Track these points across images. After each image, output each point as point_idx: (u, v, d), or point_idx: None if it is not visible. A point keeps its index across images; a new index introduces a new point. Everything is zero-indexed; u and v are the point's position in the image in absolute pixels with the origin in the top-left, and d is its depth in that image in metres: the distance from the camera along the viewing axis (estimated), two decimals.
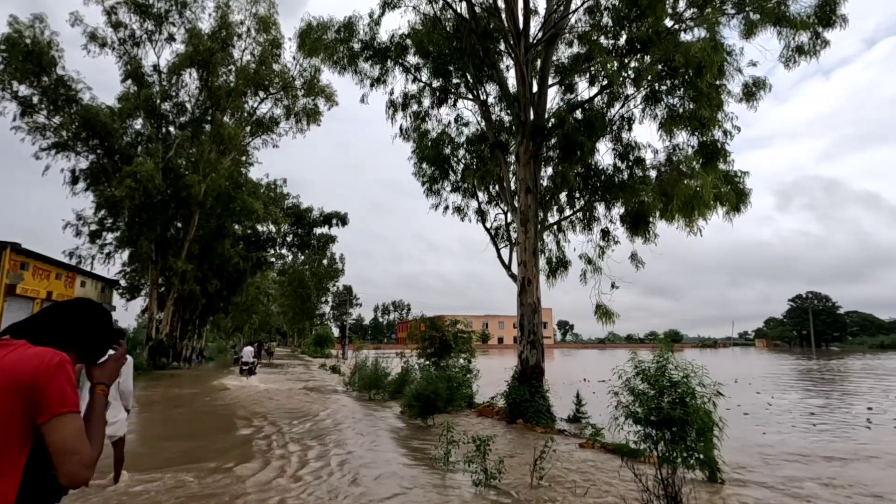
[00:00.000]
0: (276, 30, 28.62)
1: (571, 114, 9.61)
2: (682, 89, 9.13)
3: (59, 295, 20.77)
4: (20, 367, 1.38)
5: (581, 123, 9.75)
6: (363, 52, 12.24)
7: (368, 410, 12.35)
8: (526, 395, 9.96)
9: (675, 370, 4.12)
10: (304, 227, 37.97)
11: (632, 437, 4.38)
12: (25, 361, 1.40)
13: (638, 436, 4.20)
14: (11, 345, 1.48)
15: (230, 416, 11.06)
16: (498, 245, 13.49)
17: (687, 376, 4.06)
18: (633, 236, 10.25)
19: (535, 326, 10.54)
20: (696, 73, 8.01)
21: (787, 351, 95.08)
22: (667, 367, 4.16)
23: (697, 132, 8.68)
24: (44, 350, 1.45)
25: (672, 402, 3.84)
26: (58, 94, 22.31)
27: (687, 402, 3.84)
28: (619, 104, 10.95)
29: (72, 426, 1.38)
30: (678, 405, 3.81)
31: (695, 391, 3.95)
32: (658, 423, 3.83)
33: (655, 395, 3.91)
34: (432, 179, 14.83)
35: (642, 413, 3.87)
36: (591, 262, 11.21)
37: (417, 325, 16.15)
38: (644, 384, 4.15)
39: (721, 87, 9.12)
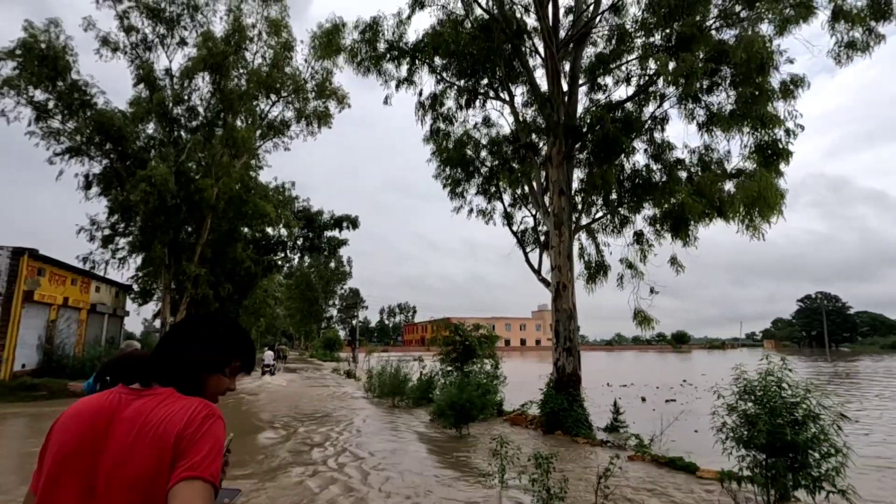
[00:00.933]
0: (287, 32, 28.48)
1: (610, 113, 9.33)
2: (732, 87, 8.83)
3: (75, 300, 20.64)
4: (169, 422, 1.15)
5: (619, 123, 9.48)
6: (389, 53, 12.01)
7: (396, 419, 12.07)
8: (564, 403, 9.66)
9: (789, 388, 3.78)
10: (314, 231, 37.83)
11: (734, 461, 4.02)
12: (175, 415, 1.16)
13: (748, 462, 3.85)
14: (158, 394, 1.23)
15: (262, 424, 10.83)
16: (526, 248, 13.21)
17: (807, 395, 3.71)
18: (674, 239, 9.95)
19: (571, 333, 10.24)
20: (758, 69, 7.72)
21: (798, 352, 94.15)
22: (780, 384, 3.81)
23: (758, 131, 8.37)
24: (191, 401, 1.21)
25: (790, 424, 3.51)
26: (72, 99, 22.20)
27: (808, 425, 3.51)
28: (655, 104, 10.67)
29: (198, 496, 1.06)
30: (799, 428, 3.48)
31: (818, 413, 3.60)
32: (775, 449, 3.50)
33: (768, 416, 3.58)
34: (456, 182, 14.56)
35: (756, 438, 3.52)
36: (632, 267, 10.92)
37: (439, 329, 15.84)
38: (753, 404, 3.81)
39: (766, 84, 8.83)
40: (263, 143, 31.96)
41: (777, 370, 3.97)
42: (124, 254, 27.89)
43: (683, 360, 56.69)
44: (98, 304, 22.99)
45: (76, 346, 20.99)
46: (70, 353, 20.22)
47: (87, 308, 21.94)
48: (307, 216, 36.64)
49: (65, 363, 18.79)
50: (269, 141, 32.12)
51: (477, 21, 11.64)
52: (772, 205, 8.23)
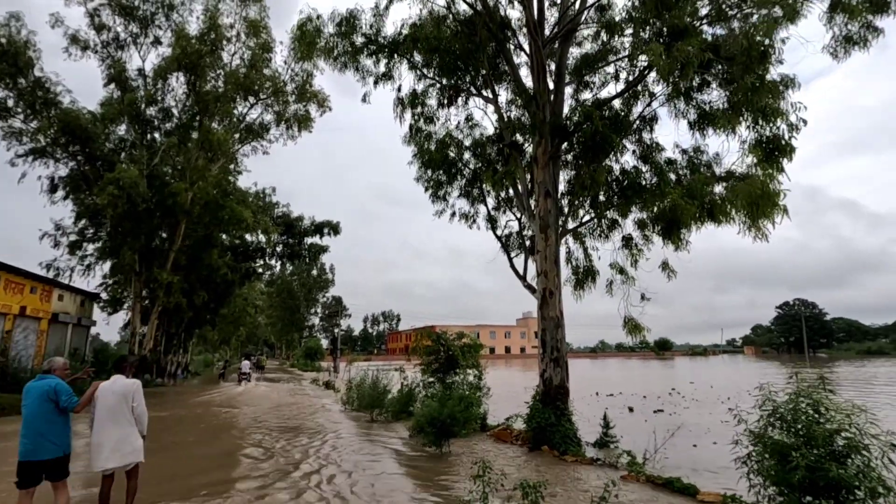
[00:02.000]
0: (266, 34, 27.75)
1: (598, 110, 8.85)
2: (724, 84, 8.41)
3: (34, 310, 19.41)
4: None
5: (608, 121, 9.01)
6: (366, 48, 11.41)
7: (372, 435, 11.31)
8: (551, 418, 9.06)
9: (827, 411, 3.18)
10: (294, 237, 36.88)
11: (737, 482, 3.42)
12: None
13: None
14: None
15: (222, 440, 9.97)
16: (510, 253, 12.64)
17: (848, 419, 3.10)
18: (666, 243, 9.49)
19: (558, 342, 9.67)
20: (760, 57, 7.30)
21: (777, 358, 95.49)
22: (817, 408, 3.22)
23: (758, 124, 7.94)
24: None
25: (831, 456, 2.92)
26: (35, 97, 21.11)
27: (851, 457, 2.92)
28: (643, 103, 10.23)
29: None
30: (842, 461, 2.89)
31: (866, 444, 3.00)
32: (818, 489, 2.90)
33: (804, 447, 2.99)
34: (438, 184, 13.98)
35: (791, 475, 2.90)
36: (622, 272, 10.41)
37: (420, 338, 15.15)
38: (785, 432, 3.22)
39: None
40: (241, 146, 31.06)
41: (812, 390, 3.38)
42: (91, 260, 26.68)
43: (667, 368, 56.72)
44: (61, 314, 21.73)
45: (35, 359, 19.72)
46: (28, 365, 18.97)
47: (47, 318, 20.69)
48: (286, 222, 35.70)
49: (21, 377, 17.55)
50: (247, 144, 31.24)
51: (460, 16, 11.13)
52: (774, 203, 7.80)
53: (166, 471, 7.60)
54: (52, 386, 4.53)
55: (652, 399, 19.48)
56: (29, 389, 4.58)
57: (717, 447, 9.32)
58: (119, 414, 4.82)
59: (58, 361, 4.92)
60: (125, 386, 4.95)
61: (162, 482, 6.85)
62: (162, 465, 7.85)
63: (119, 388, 4.91)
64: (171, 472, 7.55)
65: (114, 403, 4.82)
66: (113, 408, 4.80)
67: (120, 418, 4.82)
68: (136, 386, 5.03)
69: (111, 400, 4.83)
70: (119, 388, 4.91)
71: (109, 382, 4.95)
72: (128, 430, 4.84)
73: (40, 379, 4.66)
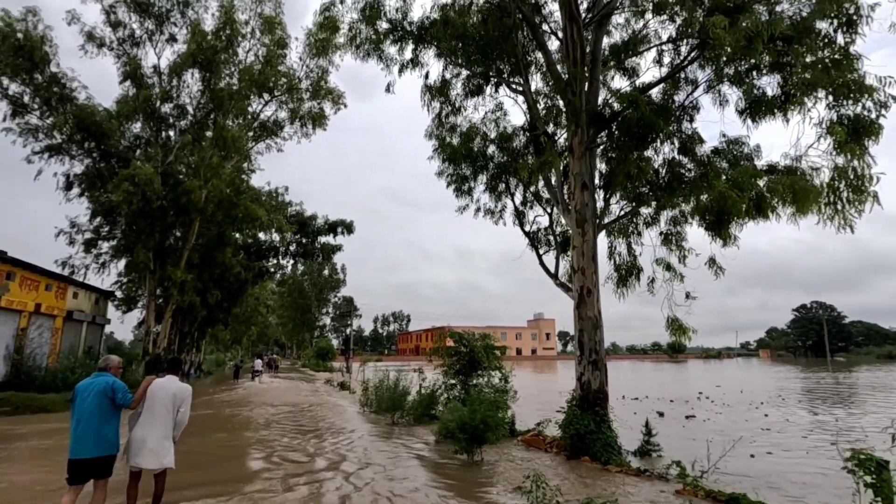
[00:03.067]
0: (281, 29, 27.41)
1: (644, 94, 8.27)
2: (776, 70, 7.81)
3: (49, 307, 19.19)
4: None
5: (653, 106, 8.43)
6: (391, 34, 10.91)
7: (396, 440, 10.78)
8: (591, 425, 8.47)
9: None
10: (307, 236, 36.57)
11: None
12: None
13: None
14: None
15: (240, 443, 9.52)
16: (539, 250, 12.07)
17: None
18: (714, 238, 8.87)
19: (597, 344, 9.08)
20: (846, 25, 6.70)
21: (793, 362, 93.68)
22: None
23: (840, 101, 7.27)
24: None
25: None
26: (51, 93, 20.93)
27: None
28: (685, 91, 9.62)
29: None
30: None
31: None
32: None
33: None
34: (462, 179, 13.44)
35: None
36: (669, 269, 9.78)
37: (442, 338, 14.63)
38: None
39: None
40: (255, 144, 30.78)
41: None
42: (106, 258, 26.53)
43: (684, 371, 55.63)
44: (75, 311, 21.54)
45: (49, 357, 19.51)
46: (43, 363, 18.76)
47: (62, 315, 20.48)
48: (300, 221, 35.39)
49: (35, 375, 17.32)
50: (262, 142, 30.94)
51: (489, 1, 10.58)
52: (862, 190, 7.15)
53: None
54: (110, 383, 4.55)
55: (680, 403, 18.77)
56: (84, 387, 4.58)
57: (775, 458, 8.69)
58: (166, 415, 4.78)
59: (113, 360, 4.94)
60: (179, 389, 4.92)
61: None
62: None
63: (173, 389, 4.88)
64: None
65: (165, 403, 4.79)
66: (162, 408, 4.77)
67: (166, 420, 4.78)
68: (188, 392, 5.02)
69: (164, 399, 4.80)
70: (173, 389, 4.88)
71: (164, 381, 4.92)
72: (168, 433, 4.79)
73: (96, 377, 4.66)
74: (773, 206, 9.52)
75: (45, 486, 6.38)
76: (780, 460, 9.41)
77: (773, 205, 9.50)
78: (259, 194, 33.29)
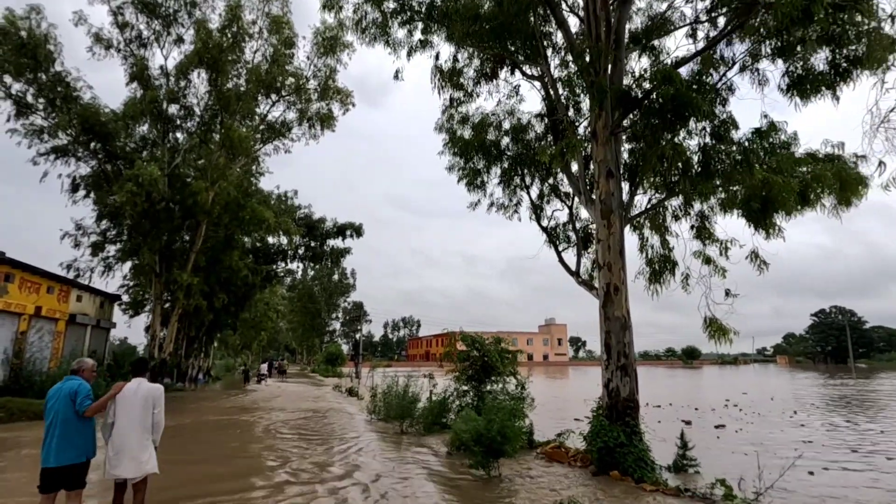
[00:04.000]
0: (289, 29, 26.99)
1: (676, 70, 7.47)
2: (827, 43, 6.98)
3: (50, 310, 18.71)
4: None
5: (693, 82, 7.61)
6: (399, 14, 10.22)
7: (404, 451, 9.98)
8: (621, 437, 7.59)
9: None
10: (316, 239, 36.07)
11: None
12: None
13: None
14: None
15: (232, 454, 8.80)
16: (558, 247, 11.24)
17: None
18: (756, 229, 8.00)
19: (626, 347, 8.21)
20: None
21: (813, 368, 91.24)
22: None
23: None
24: None
25: None
26: (55, 93, 20.61)
27: None
28: (723, 68, 8.78)
29: None
30: None
31: None
32: None
33: None
34: (474, 173, 12.68)
35: None
36: (709, 262, 8.91)
37: (453, 342, 13.83)
38: None
39: None
40: (263, 146, 30.36)
41: None
42: (111, 261, 26.17)
43: (702, 377, 54.07)
44: (79, 315, 21.07)
45: (51, 361, 19.02)
46: (44, 368, 18.26)
47: (65, 319, 20.01)
48: (308, 224, 34.90)
49: (35, 380, 16.80)
50: (269, 143, 30.52)
51: None
52: None
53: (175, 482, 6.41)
54: (75, 387, 4.38)
55: (705, 411, 17.69)
56: (54, 392, 4.41)
57: (834, 475, 7.72)
58: (141, 420, 4.57)
59: (87, 362, 4.76)
60: (149, 391, 4.69)
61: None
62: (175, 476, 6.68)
63: (143, 392, 4.66)
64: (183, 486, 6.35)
65: (138, 409, 4.57)
66: (136, 413, 4.55)
67: (142, 424, 4.58)
68: (159, 392, 4.78)
69: (136, 405, 4.58)
70: (143, 392, 4.66)
71: (133, 385, 4.68)
72: (146, 438, 4.58)
73: (67, 380, 4.49)
74: (818, 194, 8.67)
75: None
76: (840, 477, 8.42)
77: (818, 193, 8.66)
78: (267, 197, 32.90)
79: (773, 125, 8.49)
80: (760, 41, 8.40)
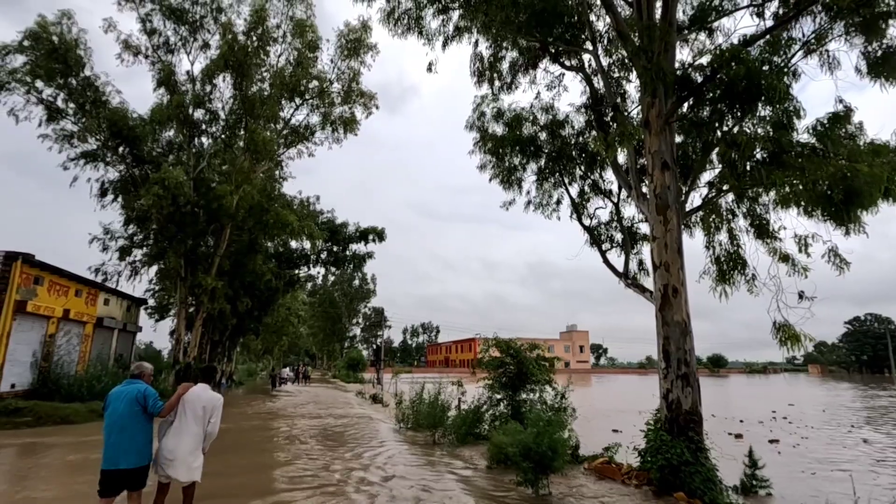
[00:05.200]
0: (312, 32, 26.92)
1: (745, 49, 6.79)
2: None
3: (78, 313, 18.70)
4: None
5: (765, 60, 6.92)
6: (433, 4, 9.75)
7: (440, 465, 9.37)
8: (686, 454, 6.87)
9: None
10: (339, 244, 35.87)
11: None
12: None
13: None
14: None
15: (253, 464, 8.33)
16: (602, 246, 10.55)
17: None
18: (838, 225, 7.22)
19: (687, 354, 7.49)
20: None
21: (847, 378, 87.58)
22: None
23: None
24: None
25: None
26: (85, 97, 20.77)
27: None
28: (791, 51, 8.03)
29: None
30: None
31: None
32: None
33: None
34: (509, 170, 12.09)
35: None
36: (787, 260, 8.13)
37: (487, 348, 13.22)
38: None
39: None
40: (287, 150, 30.31)
41: None
42: (137, 265, 26.29)
43: (733, 386, 52.10)
44: (106, 318, 21.08)
45: (78, 364, 18.99)
46: (71, 371, 18.21)
47: (92, 322, 20.01)
48: (331, 228, 34.69)
49: (62, 384, 16.72)
50: (293, 147, 30.47)
51: None
52: None
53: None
54: (142, 391, 4.40)
55: (751, 423, 16.62)
56: (116, 395, 4.43)
57: None
58: (197, 426, 4.57)
59: (147, 367, 4.78)
60: (211, 399, 4.72)
61: None
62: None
63: (207, 399, 4.68)
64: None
65: (199, 413, 4.59)
66: (195, 417, 4.57)
67: (197, 430, 4.57)
68: (220, 402, 4.79)
69: (197, 409, 4.60)
70: (207, 399, 4.68)
71: (198, 390, 4.73)
72: (199, 445, 4.59)
73: (128, 384, 4.51)
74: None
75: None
76: None
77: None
78: (290, 202, 32.83)
79: (848, 110, 7.71)
80: (836, 17, 7.64)
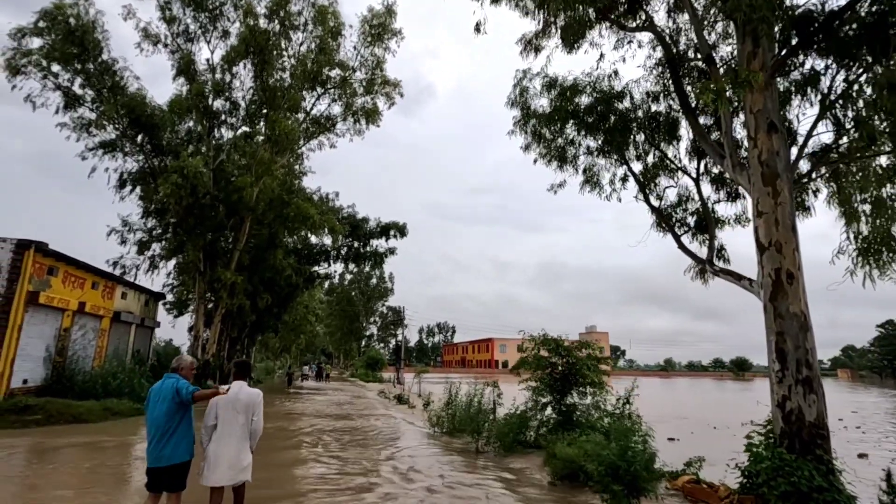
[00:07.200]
0: (334, 18, 25.93)
1: None
2: None
3: (95, 307, 17.89)
4: None
5: None
6: None
7: (488, 478, 8.12)
8: (816, 479, 5.51)
9: None
10: (359, 239, 34.90)
11: None
12: None
13: None
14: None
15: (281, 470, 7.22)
16: (675, 230, 9.20)
17: None
18: None
19: (807, 354, 6.12)
20: None
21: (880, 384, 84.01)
22: None
23: None
24: None
25: None
26: (102, 82, 20.03)
27: None
28: None
29: None
30: None
31: None
32: None
33: None
34: (561, 148, 10.80)
35: None
36: None
37: (532, 345, 11.96)
38: None
39: None
40: (308, 141, 29.39)
41: None
42: (156, 259, 25.61)
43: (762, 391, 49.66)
44: (123, 313, 20.30)
45: (95, 360, 18.20)
46: (87, 366, 17.41)
47: (109, 316, 19.22)
48: (352, 223, 33.71)
49: (76, 380, 15.91)
50: (314, 139, 29.56)
51: None
52: None
53: None
54: (176, 384, 4.25)
55: None
56: (156, 391, 4.33)
57: None
58: (241, 426, 4.43)
59: (186, 360, 4.65)
60: (250, 396, 4.54)
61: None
62: None
63: (245, 397, 4.50)
64: None
65: (240, 414, 4.43)
66: (237, 418, 4.42)
67: (241, 431, 4.42)
68: (259, 397, 4.63)
69: (238, 409, 4.44)
70: (245, 397, 4.50)
71: (235, 389, 4.51)
72: (244, 445, 4.43)
73: (167, 378, 4.38)
74: None
75: None
76: None
77: None
78: (310, 196, 31.94)
79: None
80: None
